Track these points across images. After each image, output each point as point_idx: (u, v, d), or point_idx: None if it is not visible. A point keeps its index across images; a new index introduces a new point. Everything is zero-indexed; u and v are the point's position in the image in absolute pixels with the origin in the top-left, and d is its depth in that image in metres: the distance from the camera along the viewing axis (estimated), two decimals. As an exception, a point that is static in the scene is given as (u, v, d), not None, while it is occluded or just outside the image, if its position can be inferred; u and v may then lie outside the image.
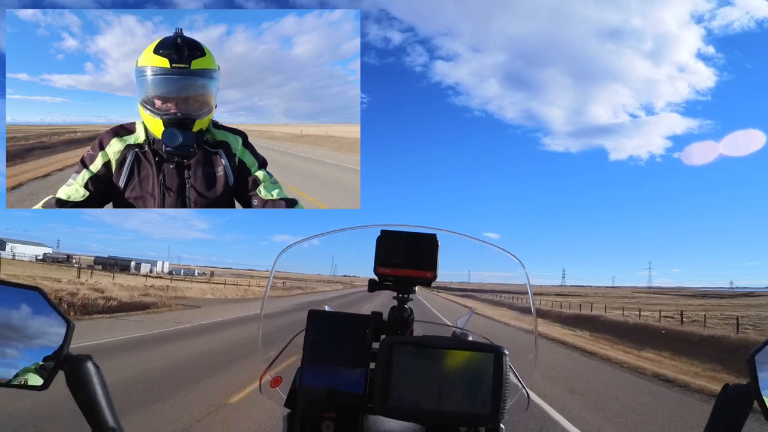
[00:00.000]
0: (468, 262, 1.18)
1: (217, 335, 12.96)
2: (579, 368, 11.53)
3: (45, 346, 0.83)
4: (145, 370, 7.70)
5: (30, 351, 0.82)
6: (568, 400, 7.51)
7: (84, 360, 0.82)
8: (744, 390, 0.79)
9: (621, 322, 26.59)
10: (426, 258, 1.01)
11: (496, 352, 0.82)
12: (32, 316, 0.84)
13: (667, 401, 8.18)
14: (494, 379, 0.81)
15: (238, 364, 8.62)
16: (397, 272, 1.02)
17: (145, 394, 6.18)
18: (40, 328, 0.83)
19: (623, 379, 10.24)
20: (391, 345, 0.83)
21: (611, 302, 63.57)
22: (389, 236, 1.02)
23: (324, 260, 1.21)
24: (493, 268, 1.19)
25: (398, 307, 1.05)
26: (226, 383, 7.08)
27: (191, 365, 8.44)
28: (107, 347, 9.71)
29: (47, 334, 0.83)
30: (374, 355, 0.92)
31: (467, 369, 0.82)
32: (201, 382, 7.11)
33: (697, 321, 29.70)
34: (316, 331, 0.96)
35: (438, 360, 0.82)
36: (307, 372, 0.94)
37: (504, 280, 1.25)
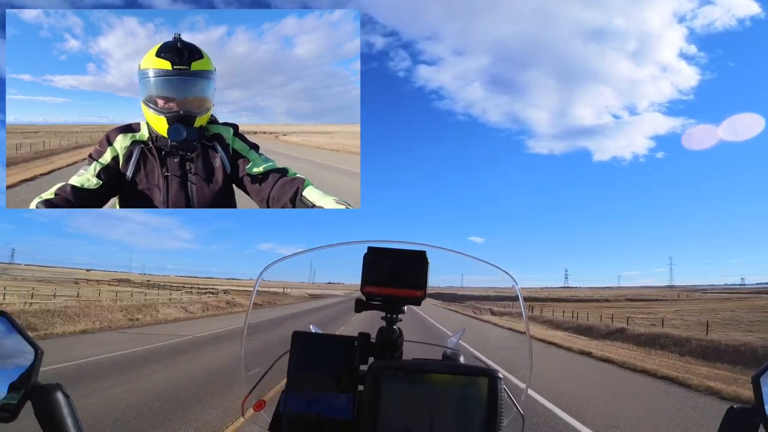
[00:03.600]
0: (458, 277, 1.14)
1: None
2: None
3: (11, 374, 0.77)
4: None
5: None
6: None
7: (53, 390, 0.77)
8: (749, 412, 0.76)
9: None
10: (415, 276, 0.96)
11: (490, 375, 0.79)
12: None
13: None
14: (488, 404, 0.78)
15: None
16: (384, 291, 0.97)
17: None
18: (5, 355, 0.78)
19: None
20: (379, 370, 0.79)
21: (679, 310, 48.46)
22: (376, 253, 0.97)
23: (305, 270, 1.13)
24: (485, 283, 1.17)
25: (387, 327, 1.01)
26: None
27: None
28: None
29: (14, 361, 0.78)
30: (362, 378, 0.88)
31: (460, 394, 0.78)
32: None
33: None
34: (300, 353, 0.91)
35: (429, 385, 0.79)
36: (291, 396, 0.90)
37: (497, 292, 1.19)
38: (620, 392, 9.58)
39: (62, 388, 0.78)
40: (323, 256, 1.06)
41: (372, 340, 1.00)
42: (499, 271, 1.05)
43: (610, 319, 32.31)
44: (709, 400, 8.87)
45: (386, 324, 1.01)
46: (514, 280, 1.05)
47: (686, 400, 8.92)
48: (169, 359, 10.94)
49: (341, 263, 1.08)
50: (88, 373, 8.78)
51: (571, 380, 10.60)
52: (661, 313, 40.60)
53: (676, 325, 30.14)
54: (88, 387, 7.46)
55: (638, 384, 10.65)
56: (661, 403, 8.56)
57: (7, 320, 0.79)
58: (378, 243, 0.98)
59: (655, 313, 45.33)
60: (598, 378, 11.29)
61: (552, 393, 8.40)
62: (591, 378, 11.26)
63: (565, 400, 8.01)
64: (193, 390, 7.54)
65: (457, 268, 1.08)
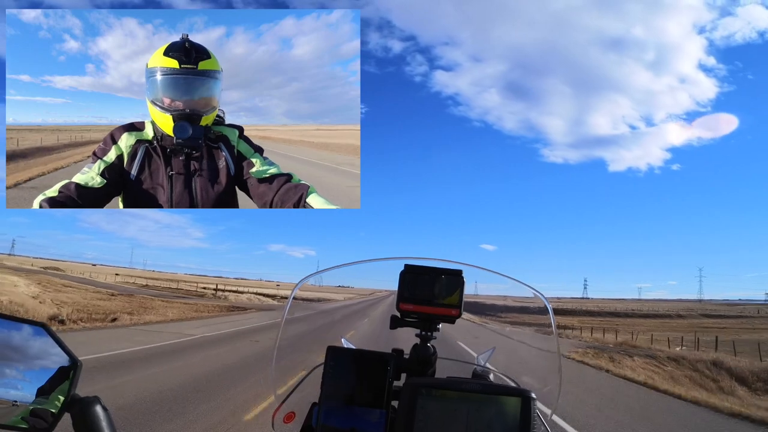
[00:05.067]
0: (491, 295, 1.16)
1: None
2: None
3: (50, 385, 0.77)
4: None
5: (27, 387, 0.77)
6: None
7: (92, 403, 0.77)
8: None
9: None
10: (451, 295, 0.97)
11: (524, 396, 0.79)
12: (37, 354, 0.79)
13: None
14: (521, 423, 0.78)
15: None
16: (420, 309, 0.98)
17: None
18: (45, 367, 0.78)
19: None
20: (415, 387, 0.80)
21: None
22: (413, 271, 0.98)
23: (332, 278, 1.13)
24: (516, 298, 1.17)
25: (421, 345, 1.02)
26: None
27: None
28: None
29: (53, 373, 0.78)
30: (395, 394, 0.90)
31: (494, 413, 0.79)
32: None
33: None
34: (334, 367, 0.92)
35: (464, 403, 0.79)
36: (325, 410, 0.90)
37: (525, 304, 1.20)
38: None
39: (100, 401, 0.77)
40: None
41: (405, 356, 1.02)
42: (530, 292, 1.07)
43: (682, 340, 26.75)
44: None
45: (421, 341, 1.02)
46: (545, 300, 1.06)
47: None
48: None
49: (347, 270, 1.09)
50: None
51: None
52: (726, 334, 33.26)
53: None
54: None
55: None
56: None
57: (47, 332, 0.79)
58: (414, 260, 0.99)
59: (723, 332, 37.62)
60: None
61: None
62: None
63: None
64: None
65: (489, 287, 1.10)
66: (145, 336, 12.94)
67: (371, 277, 1.02)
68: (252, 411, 5.82)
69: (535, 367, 1.27)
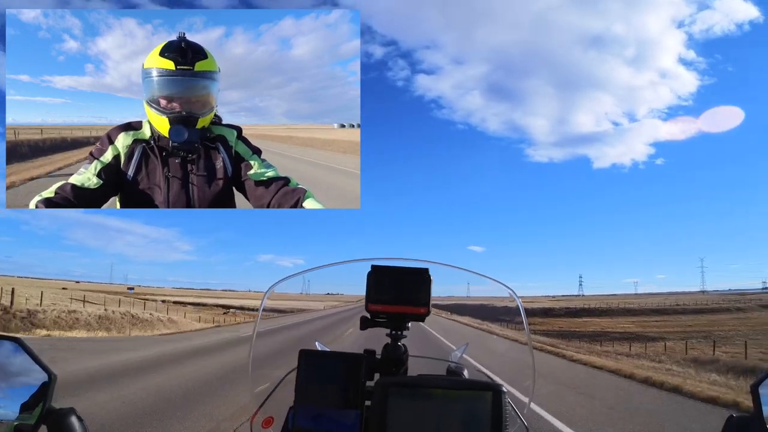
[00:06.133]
0: (461, 288, 1.16)
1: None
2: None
3: (25, 399, 0.77)
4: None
5: (9, 404, 0.77)
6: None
7: (68, 414, 0.77)
8: (748, 420, 0.78)
9: None
10: (418, 293, 0.99)
11: (494, 389, 0.80)
12: (11, 368, 0.79)
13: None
14: (493, 417, 0.79)
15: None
16: (389, 309, 0.99)
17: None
18: (19, 381, 0.78)
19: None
20: (386, 386, 0.81)
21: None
22: (380, 272, 0.99)
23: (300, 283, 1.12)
24: (488, 293, 1.18)
25: (392, 344, 1.03)
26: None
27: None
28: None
29: (28, 387, 0.78)
30: (368, 394, 0.90)
31: (465, 408, 0.80)
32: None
33: None
34: (307, 370, 0.93)
35: (435, 400, 0.80)
36: (300, 413, 0.91)
37: (498, 302, 1.20)
38: None
39: (75, 412, 0.79)
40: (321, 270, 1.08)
41: (377, 357, 1.02)
42: (500, 287, 1.09)
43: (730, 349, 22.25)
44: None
45: (391, 341, 1.04)
46: (514, 293, 1.08)
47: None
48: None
49: (337, 275, 1.10)
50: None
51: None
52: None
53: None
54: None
55: None
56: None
57: (20, 345, 0.79)
58: (381, 261, 1.01)
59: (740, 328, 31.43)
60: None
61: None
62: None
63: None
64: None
65: (460, 280, 1.10)
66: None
67: (360, 282, 1.01)
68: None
69: (509, 360, 1.27)
